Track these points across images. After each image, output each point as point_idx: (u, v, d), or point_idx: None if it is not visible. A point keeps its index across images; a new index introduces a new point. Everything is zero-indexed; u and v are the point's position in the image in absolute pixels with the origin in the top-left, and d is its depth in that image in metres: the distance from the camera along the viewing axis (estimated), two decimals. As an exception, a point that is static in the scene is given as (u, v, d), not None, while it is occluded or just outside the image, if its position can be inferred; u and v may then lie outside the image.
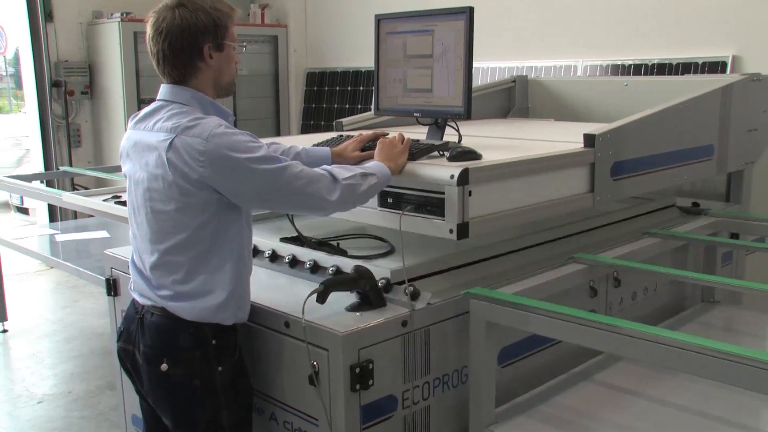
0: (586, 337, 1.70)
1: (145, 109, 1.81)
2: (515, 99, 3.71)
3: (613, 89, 3.43)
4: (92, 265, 3.51)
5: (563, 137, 2.55)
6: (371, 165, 1.93)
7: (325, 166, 1.84)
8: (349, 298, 1.91)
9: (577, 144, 2.28)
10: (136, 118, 1.83)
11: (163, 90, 1.79)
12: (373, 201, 2.03)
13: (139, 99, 5.88)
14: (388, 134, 2.13)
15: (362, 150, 2.12)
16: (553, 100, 3.65)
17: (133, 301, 1.87)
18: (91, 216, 4.17)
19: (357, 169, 1.85)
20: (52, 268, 5.90)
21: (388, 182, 1.93)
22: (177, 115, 1.71)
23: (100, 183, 5.53)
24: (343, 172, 1.81)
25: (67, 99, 6.10)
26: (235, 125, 1.79)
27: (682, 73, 4.18)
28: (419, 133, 2.26)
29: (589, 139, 2.25)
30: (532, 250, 2.37)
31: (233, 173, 1.65)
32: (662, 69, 4.29)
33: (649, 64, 4.36)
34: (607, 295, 2.46)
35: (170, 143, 1.66)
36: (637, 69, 4.42)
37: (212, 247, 1.73)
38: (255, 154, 1.66)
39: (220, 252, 1.74)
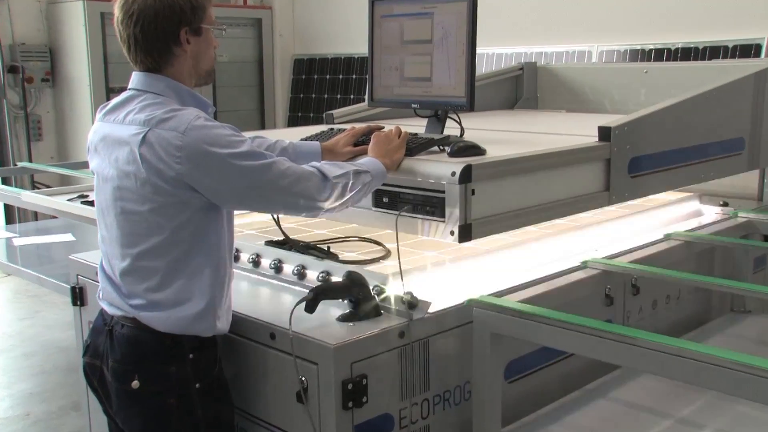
0: (601, 349, 1.72)
1: (115, 100, 1.82)
2: (523, 88, 3.73)
3: (631, 77, 3.45)
4: (55, 271, 3.51)
5: (576, 130, 2.57)
6: (365, 161, 1.94)
7: (314, 163, 1.85)
8: (341, 307, 1.92)
9: (591, 138, 2.30)
10: (105, 109, 1.84)
11: (135, 78, 1.80)
12: (367, 201, 2.04)
13: (108, 88, 5.88)
14: (383, 128, 2.15)
15: (355, 145, 2.13)
16: (565, 90, 3.67)
17: (102, 312, 1.88)
18: (54, 217, 4.17)
19: (349, 166, 1.87)
20: (9, 275, 5.90)
21: (383, 180, 1.95)
22: (151, 107, 1.72)
23: (64, 181, 5.54)
24: (334, 169, 1.83)
25: (25, 87, 6.08)
26: (216, 117, 1.80)
27: (710, 58, 4.19)
28: (417, 127, 2.28)
29: (605, 133, 2.27)
30: (541, 249, 2.40)
31: (213, 170, 1.66)
32: (687, 53, 4.31)
33: (673, 48, 4.38)
34: (624, 303, 2.49)
35: (143, 137, 1.67)
36: (659, 54, 4.45)
37: (190, 251, 1.74)
38: (237, 150, 1.67)
39: (198, 256, 1.75)
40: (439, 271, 2.12)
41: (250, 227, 2.66)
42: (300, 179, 1.74)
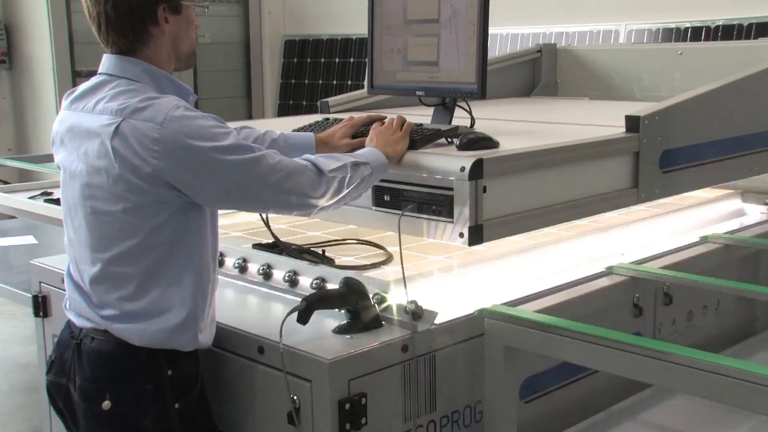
0: (629, 366, 1.73)
1: (84, 86, 1.83)
2: (541, 73, 3.74)
3: (664, 59, 3.46)
4: (15, 278, 3.52)
5: (600, 120, 2.58)
6: (364, 152, 1.96)
7: (307, 156, 1.86)
8: (337, 317, 1.94)
9: (617, 128, 2.32)
10: (73, 95, 1.85)
11: (107, 61, 1.81)
12: (367, 199, 2.06)
13: (74, 71, 5.89)
14: (385, 118, 2.16)
15: (354, 137, 2.14)
16: (589, 74, 3.68)
17: (69, 323, 1.89)
18: (14, 217, 4.18)
19: (347, 158, 1.88)
20: (-38, 283, 5.89)
21: (384, 173, 1.96)
22: (124, 94, 1.73)
23: (25, 176, 5.54)
24: (329, 162, 1.84)
25: (-22, 69, 6.07)
26: (197, 106, 1.81)
27: (755, 37, 4.17)
28: (423, 116, 2.30)
29: (633, 122, 2.29)
30: (561, 253, 2.42)
31: (195, 166, 1.67)
32: (728, 32, 4.30)
33: (712, 26, 4.38)
34: (655, 314, 2.51)
35: (116, 128, 1.68)
36: (696, 33, 4.45)
37: (169, 255, 1.76)
38: (222, 143, 1.68)
39: (178, 262, 1.77)
40: (447, 278, 2.14)
41: (235, 228, 2.68)
42: (292, 174, 1.76)
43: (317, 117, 2.52)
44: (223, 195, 1.73)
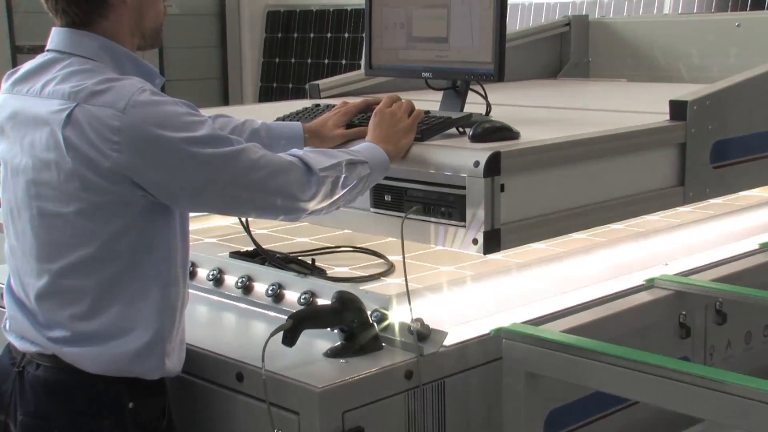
0: (675, 397, 1.73)
1: (28, 65, 1.84)
2: (570, 50, 3.75)
3: (718, 32, 3.46)
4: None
5: (640, 106, 2.59)
6: (362, 148, 1.96)
7: (295, 151, 1.87)
8: (329, 338, 1.95)
9: (660, 115, 2.32)
10: (15, 77, 1.85)
11: (57, 36, 1.82)
12: (364, 199, 2.06)
13: (14, 47, 5.88)
14: (387, 101, 2.15)
15: (348, 126, 2.15)
16: (626, 51, 3.68)
17: (9, 348, 1.89)
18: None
19: (341, 155, 1.89)
20: None
21: (385, 173, 1.97)
22: (78, 74, 1.73)
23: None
24: (321, 158, 1.85)
25: None
26: (163, 90, 1.82)
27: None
28: (430, 102, 2.30)
29: (679, 108, 2.29)
30: (592, 263, 2.42)
31: (163, 160, 1.67)
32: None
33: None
34: (705, 335, 2.51)
35: (68, 115, 1.68)
36: (758, 1, 4.44)
37: (130, 266, 1.76)
38: (195, 133, 1.69)
39: (141, 273, 1.77)
40: (458, 292, 2.14)
41: (209, 234, 2.68)
42: (277, 172, 1.77)
43: (306, 103, 2.53)
44: (196, 195, 1.74)
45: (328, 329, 1.95)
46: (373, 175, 1.93)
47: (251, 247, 2.32)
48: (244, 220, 2.29)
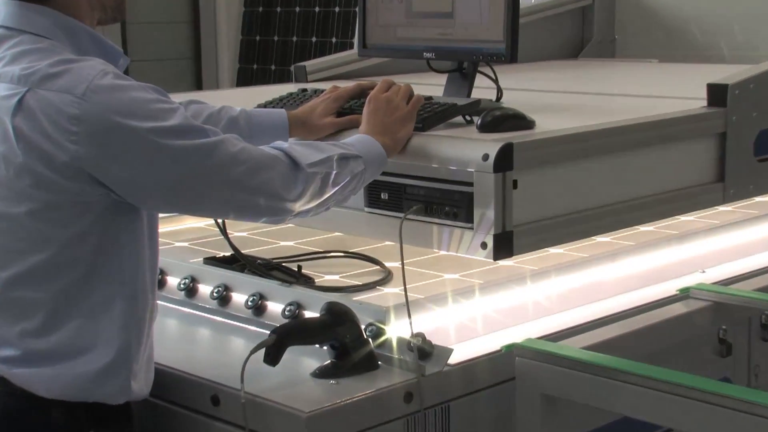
0: (714, 424, 1.72)
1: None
2: (593, 27, 3.75)
3: (765, 5, 3.45)
4: None
5: (673, 90, 2.58)
6: (355, 140, 1.95)
7: (279, 143, 1.86)
8: (318, 356, 1.93)
9: (696, 101, 2.31)
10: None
11: (5, 10, 1.79)
12: (358, 198, 2.05)
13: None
14: (382, 86, 2.14)
15: (339, 114, 2.14)
16: (658, 27, 3.68)
17: (-48, 368, 1.89)
18: None
19: (332, 148, 1.88)
20: None
21: (382, 168, 1.96)
22: (30, 54, 1.71)
23: None
24: (308, 152, 1.83)
25: None
26: (127, 73, 1.81)
27: None
28: (433, 87, 2.29)
29: (719, 93, 2.28)
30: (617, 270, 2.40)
31: (128, 153, 1.66)
32: None
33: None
34: (749, 353, 2.49)
35: (19, 102, 1.67)
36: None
37: (91, 275, 1.74)
38: (165, 123, 1.67)
39: (104, 283, 1.75)
40: (465, 303, 2.12)
41: (181, 237, 2.68)
42: (259, 167, 1.75)
43: (291, 87, 2.52)
44: (166, 193, 1.73)
45: (317, 346, 1.94)
46: (367, 171, 1.92)
47: (229, 252, 2.31)
48: (220, 221, 2.28)
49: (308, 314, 2.04)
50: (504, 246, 1.89)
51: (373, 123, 2.00)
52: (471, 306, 2.12)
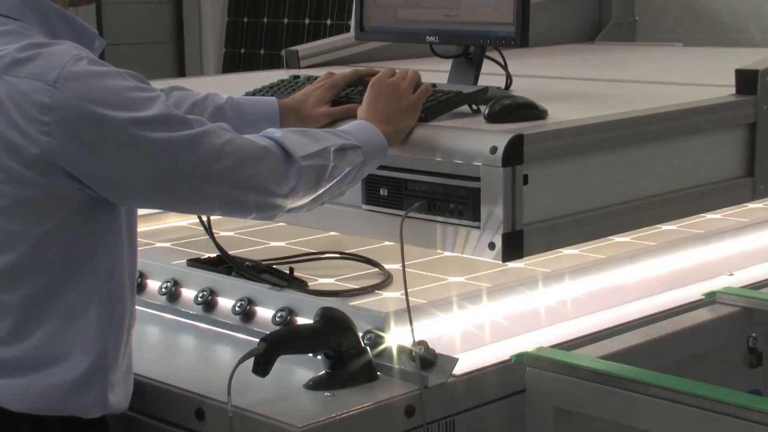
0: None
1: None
2: (611, 8, 3.75)
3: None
4: None
5: (698, 76, 2.58)
6: (353, 127, 1.96)
7: (271, 131, 1.86)
8: (311, 366, 1.94)
9: (724, 89, 2.32)
10: None
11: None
12: (355, 194, 2.06)
13: None
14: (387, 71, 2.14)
15: (335, 103, 2.14)
16: (682, 8, 3.68)
17: None
18: None
19: (329, 137, 1.88)
20: None
21: (382, 160, 1.96)
22: (-4, 38, 1.73)
23: None
24: (303, 142, 1.83)
25: None
26: (103, 57, 1.81)
27: None
28: (436, 73, 2.29)
29: (748, 79, 2.28)
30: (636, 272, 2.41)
31: (104, 146, 1.66)
32: None
33: None
34: (782, 363, 2.50)
35: (-15, 90, 1.68)
36: None
37: (65, 277, 1.74)
38: (145, 112, 1.68)
39: (78, 286, 1.75)
40: (471, 309, 2.13)
41: (162, 237, 2.68)
42: (248, 160, 1.76)
43: (282, 73, 2.52)
44: (145, 189, 1.73)
45: (310, 355, 1.94)
46: (367, 162, 1.92)
47: (214, 253, 2.32)
48: (205, 219, 2.28)
49: (301, 321, 2.05)
50: (513, 246, 1.89)
51: (375, 109, 2.00)
52: (478, 312, 2.13)
